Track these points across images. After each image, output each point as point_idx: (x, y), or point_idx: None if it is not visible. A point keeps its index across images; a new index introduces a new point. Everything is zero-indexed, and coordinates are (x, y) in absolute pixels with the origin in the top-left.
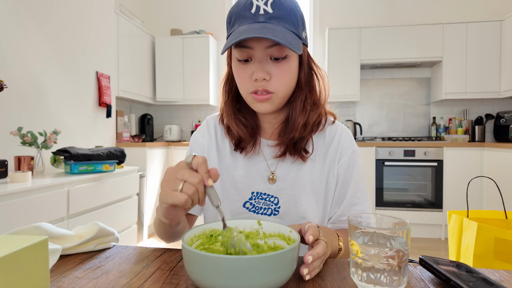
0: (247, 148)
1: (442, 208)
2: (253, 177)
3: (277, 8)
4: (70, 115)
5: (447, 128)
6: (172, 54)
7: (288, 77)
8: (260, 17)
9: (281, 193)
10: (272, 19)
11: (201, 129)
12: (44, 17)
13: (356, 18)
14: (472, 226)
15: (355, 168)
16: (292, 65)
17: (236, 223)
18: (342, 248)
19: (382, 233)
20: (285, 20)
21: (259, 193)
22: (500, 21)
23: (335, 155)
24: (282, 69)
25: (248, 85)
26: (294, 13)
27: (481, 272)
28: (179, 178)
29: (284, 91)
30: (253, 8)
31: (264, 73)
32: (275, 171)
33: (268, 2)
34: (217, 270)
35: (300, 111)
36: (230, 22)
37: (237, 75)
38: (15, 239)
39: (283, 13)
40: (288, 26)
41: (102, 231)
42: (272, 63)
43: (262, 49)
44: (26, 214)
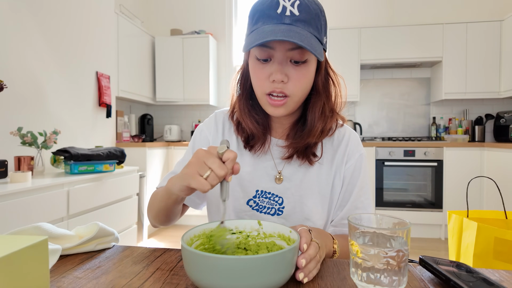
0: (256, 146)
1: (442, 208)
2: (259, 175)
3: (304, 11)
4: (70, 115)
5: (447, 128)
6: (172, 54)
7: (306, 81)
8: (286, 18)
9: (287, 193)
10: (298, 22)
11: (208, 122)
12: (44, 17)
13: (356, 18)
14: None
15: (361, 172)
16: (311, 70)
17: (236, 223)
18: (337, 250)
19: (382, 233)
20: (310, 24)
21: (264, 191)
22: (500, 21)
23: (343, 158)
24: (300, 73)
25: (265, 85)
26: (319, 18)
27: (481, 272)
28: (208, 165)
29: (300, 95)
30: (280, 8)
31: (283, 75)
32: (282, 170)
33: (295, 4)
34: (217, 270)
35: (319, 117)
36: (253, 19)
37: (254, 74)
38: (15, 239)
39: (309, 17)
40: (312, 31)
41: (102, 231)
42: (292, 66)
43: (284, 51)
44: (26, 214)
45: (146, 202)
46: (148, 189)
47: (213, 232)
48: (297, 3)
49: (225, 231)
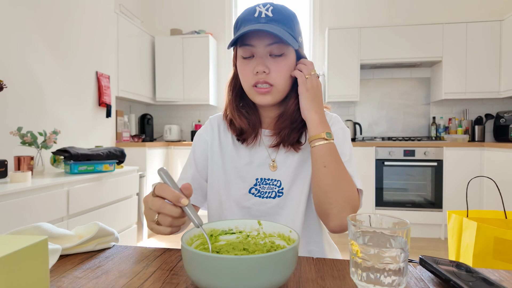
0: (248, 140)
1: (441, 208)
2: (255, 165)
3: (277, 13)
4: (70, 115)
5: (447, 128)
6: (172, 54)
7: (286, 72)
8: (261, 19)
9: (283, 176)
10: (272, 21)
11: (204, 127)
12: (44, 17)
13: (356, 18)
14: (472, 226)
15: (345, 143)
16: (289, 62)
17: (236, 223)
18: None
19: (382, 233)
20: (283, 23)
21: (263, 179)
22: (500, 21)
23: None
24: (280, 64)
25: (250, 78)
26: (291, 19)
27: (480, 272)
28: (153, 209)
29: (283, 85)
30: (256, 13)
31: (264, 66)
32: (275, 158)
33: (269, 8)
34: (216, 270)
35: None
36: (237, 27)
37: (241, 71)
38: (15, 239)
39: (282, 18)
40: (286, 28)
41: (102, 231)
42: (272, 59)
43: (263, 47)
44: (26, 214)
45: None
46: (148, 189)
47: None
48: (271, 8)
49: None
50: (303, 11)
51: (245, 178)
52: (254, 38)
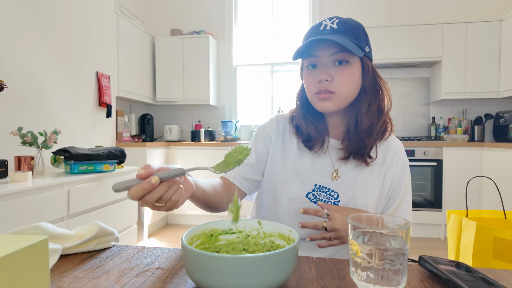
0: (315, 147)
1: (441, 208)
2: (317, 170)
3: (341, 25)
4: (70, 115)
5: (447, 128)
6: (172, 54)
7: (350, 79)
8: (326, 31)
9: (342, 189)
10: (336, 32)
11: (270, 122)
12: (44, 17)
13: (356, 18)
14: (471, 225)
15: (406, 179)
16: (354, 70)
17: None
18: None
19: (381, 233)
20: (347, 34)
21: (321, 186)
22: (499, 21)
23: (392, 161)
24: (344, 72)
25: (313, 86)
26: (357, 30)
27: (480, 272)
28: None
29: (346, 92)
30: (322, 26)
31: (327, 75)
32: (338, 168)
33: (335, 21)
34: (216, 270)
35: (365, 113)
36: (304, 40)
37: (305, 80)
38: (15, 239)
39: (346, 29)
40: (350, 38)
41: (102, 230)
42: (336, 68)
43: (327, 56)
44: (26, 214)
45: None
46: None
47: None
48: (336, 21)
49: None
50: (303, 11)
51: (304, 182)
52: (318, 49)
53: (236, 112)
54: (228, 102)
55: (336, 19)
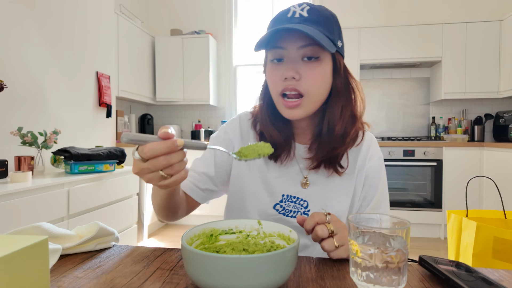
0: (281, 156)
1: (441, 208)
2: (285, 179)
3: (313, 13)
4: (70, 115)
5: (447, 128)
6: (172, 54)
7: (320, 79)
8: (295, 19)
9: (312, 197)
10: (306, 22)
11: (232, 124)
12: (44, 17)
13: (356, 18)
14: (471, 225)
15: (381, 175)
16: (325, 68)
17: (236, 222)
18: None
19: (381, 233)
20: (319, 24)
21: (289, 196)
22: (499, 21)
23: (364, 159)
24: (314, 70)
25: (278, 84)
26: (330, 21)
27: (480, 272)
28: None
29: (316, 94)
30: (290, 13)
31: (294, 71)
32: (308, 175)
33: (305, 8)
34: (216, 270)
35: (338, 118)
36: (268, 28)
37: (269, 76)
38: (15, 239)
39: (319, 18)
40: (322, 30)
41: (102, 230)
42: (304, 64)
43: (295, 49)
44: (26, 214)
45: (146, 202)
46: (148, 189)
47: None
48: (306, 8)
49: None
50: None
51: (272, 192)
52: (285, 40)
53: (236, 112)
54: (228, 102)
55: (306, 5)
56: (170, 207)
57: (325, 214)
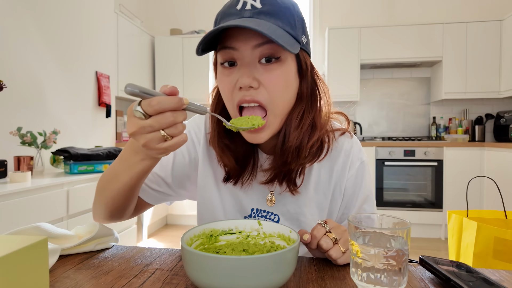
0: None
1: (442, 208)
2: (250, 195)
3: (268, 4)
4: (69, 115)
5: (447, 128)
6: (171, 54)
7: (284, 84)
8: (245, 12)
9: (283, 210)
10: (260, 14)
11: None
12: (43, 17)
13: (356, 17)
14: (472, 225)
15: (363, 181)
16: (288, 70)
17: (236, 223)
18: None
19: (382, 233)
20: (277, 17)
21: (259, 210)
22: (500, 21)
23: (343, 169)
24: (274, 74)
25: (233, 95)
26: (290, 12)
27: (481, 272)
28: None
29: (281, 105)
30: (239, 4)
31: (250, 78)
32: (274, 190)
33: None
34: (216, 270)
35: (294, 128)
36: (215, 24)
37: (221, 84)
38: (15, 239)
39: (275, 9)
40: (281, 24)
41: (101, 231)
42: (262, 67)
43: (249, 50)
44: (26, 214)
45: None
46: None
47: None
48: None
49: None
50: (303, 11)
51: (241, 205)
52: (236, 38)
53: None
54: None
55: None
56: (126, 199)
57: (322, 225)
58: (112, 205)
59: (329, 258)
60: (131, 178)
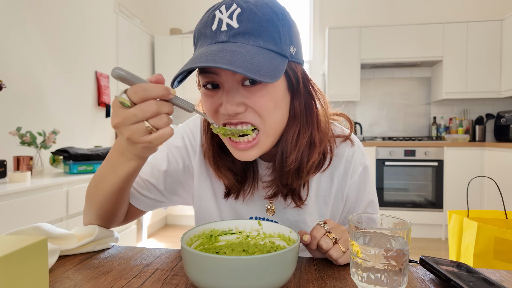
0: (244, 192)
1: (442, 208)
2: (250, 206)
3: (246, 21)
4: (69, 115)
5: (448, 128)
6: (171, 54)
7: (271, 105)
8: (221, 35)
9: (283, 218)
10: (237, 36)
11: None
12: (43, 17)
13: (356, 17)
14: (472, 226)
15: (367, 185)
16: (275, 91)
17: (236, 223)
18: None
19: (382, 233)
20: (257, 36)
21: (258, 218)
22: (500, 21)
23: (345, 176)
24: (257, 96)
25: (219, 117)
26: (273, 24)
27: (481, 272)
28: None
29: (272, 125)
30: (215, 24)
31: (235, 106)
32: (274, 201)
33: (234, 13)
34: (216, 271)
35: (293, 147)
36: (195, 42)
37: (204, 105)
38: (14, 239)
39: (255, 26)
40: (262, 44)
41: (101, 233)
42: (246, 90)
43: (230, 75)
44: (25, 214)
45: None
46: None
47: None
48: (237, 12)
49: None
50: (303, 11)
51: (239, 215)
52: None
53: None
54: None
55: (236, 6)
56: (115, 203)
57: (322, 226)
58: (100, 209)
59: (329, 258)
60: (118, 181)
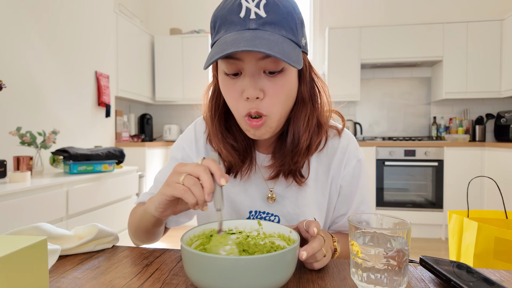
0: (242, 171)
1: (442, 208)
2: (250, 195)
3: (272, 12)
4: (69, 115)
5: (448, 128)
6: (171, 54)
7: (285, 94)
8: (251, 22)
9: (283, 211)
10: (265, 25)
11: (188, 137)
12: (43, 17)
13: (357, 17)
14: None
15: (360, 180)
16: (290, 80)
17: (236, 223)
18: (337, 248)
19: (382, 233)
20: (281, 26)
21: (258, 212)
22: (500, 21)
23: (339, 166)
24: (278, 85)
25: (241, 106)
26: (292, 17)
27: (481, 272)
28: (183, 171)
29: (279, 112)
30: (243, 12)
31: (257, 90)
32: (273, 188)
33: (261, 3)
34: (216, 271)
35: (304, 130)
36: (215, 28)
37: (227, 93)
38: (14, 239)
39: (279, 18)
40: (285, 33)
41: (101, 232)
42: (266, 78)
43: (254, 62)
44: (25, 214)
45: None
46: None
47: (214, 242)
48: (263, 2)
49: (227, 238)
50: (303, 11)
51: (237, 210)
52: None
53: None
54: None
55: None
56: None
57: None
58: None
59: (308, 267)
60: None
